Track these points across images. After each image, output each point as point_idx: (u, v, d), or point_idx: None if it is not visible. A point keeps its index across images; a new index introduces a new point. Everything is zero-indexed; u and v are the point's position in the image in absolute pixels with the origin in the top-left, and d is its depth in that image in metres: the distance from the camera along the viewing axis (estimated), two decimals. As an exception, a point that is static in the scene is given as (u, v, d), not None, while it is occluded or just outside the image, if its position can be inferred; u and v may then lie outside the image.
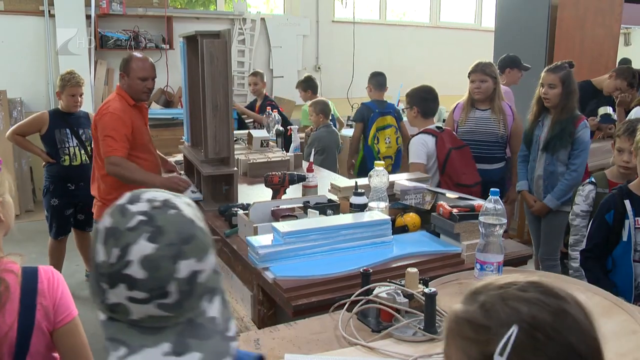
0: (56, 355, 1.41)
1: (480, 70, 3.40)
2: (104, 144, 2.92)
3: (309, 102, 5.23)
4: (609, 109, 4.24)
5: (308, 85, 5.62)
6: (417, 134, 3.26)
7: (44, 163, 3.96)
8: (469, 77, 3.47)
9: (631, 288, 2.20)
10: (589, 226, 2.42)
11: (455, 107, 3.65)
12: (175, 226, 0.81)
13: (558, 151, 3.13)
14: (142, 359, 0.78)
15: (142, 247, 0.78)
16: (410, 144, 3.26)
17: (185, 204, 0.87)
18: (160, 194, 0.86)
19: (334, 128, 4.89)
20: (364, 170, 4.43)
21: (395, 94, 7.18)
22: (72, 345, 1.36)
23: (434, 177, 3.11)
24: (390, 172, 4.52)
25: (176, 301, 0.80)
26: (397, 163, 4.67)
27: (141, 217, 0.80)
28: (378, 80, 4.81)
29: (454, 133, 3.38)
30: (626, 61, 5.87)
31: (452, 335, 0.81)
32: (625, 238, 2.23)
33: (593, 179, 2.71)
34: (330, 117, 4.93)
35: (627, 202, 2.23)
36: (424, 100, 3.31)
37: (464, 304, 0.81)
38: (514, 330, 0.73)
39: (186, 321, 0.82)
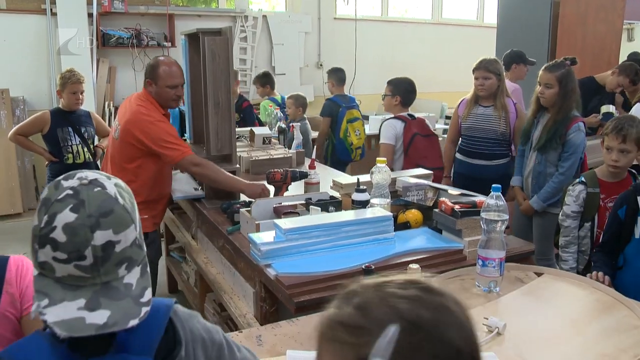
0: None
1: (483, 68, 3.40)
2: (167, 150, 2.75)
3: (266, 98, 5.48)
4: (611, 108, 4.22)
5: (267, 81, 5.63)
6: (388, 119, 3.53)
7: (46, 162, 3.98)
8: (473, 73, 3.47)
9: None
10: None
11: (460, 103, 3.65)
12: (96, 201, 0.93)
13: (548, 152, 3.09)
14: (60, 310, 0.89)
15: (65, 216, 0.91)
16: (381, 127, 3.54)
17: (114, 184, 0.98)
18: (91, 174, 0.98)
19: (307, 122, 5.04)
20: (336, 162, 4.84)
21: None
22: None
23: (399, 159, 3.42)
24: (358, 160, 5.03)
25: (91, 264, 0.91)
26: (364, 152, 5.12)
27: (69, 191, 0.93)
28: (339, 76, 5.16)
29: (427, 123, 3.59)
30: (635, 55, 5.80)
31: (325, 341, 0.74)
32: (637, 235, 2.16)
33: (583, 179, 2.64)
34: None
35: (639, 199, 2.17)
36: (407, 91, 3.58)
37: (336, 307, 0.74)
38: (392, 328, 0.68)
39: (102, 283, 0.93)
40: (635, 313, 1.62)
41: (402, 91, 3.55)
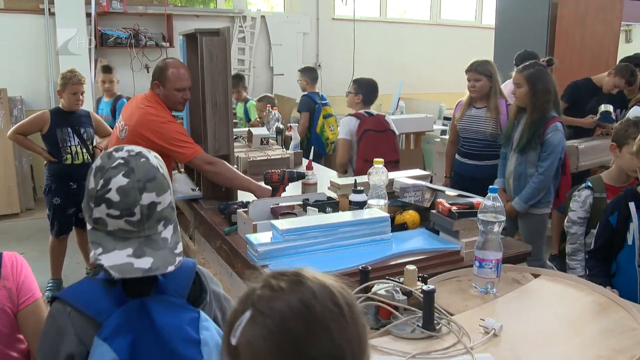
0: (21, 336, 1.47)
1: (473, 70, 3.45)
2: (181, 149, 2.75)
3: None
4: (609, 107, 4.22)
5: (239, 81, 5.69)
6: (347, 115, 3.82)
7: (45, 162, 3.97)
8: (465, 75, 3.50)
9: (636, 293, 2.10)
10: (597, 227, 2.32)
11: (457, 104, 3.68)
12: (143, 169, 1.12)
13: (527, 153, 3.09)
14: (113, 256, 1.09)
15: (119, 180, 1.10)
16: (340, 123, 3.89)
17: (154, 157, 1.18)
18: (136, 148, 1.17)
19: None
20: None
21: (396, 91, 7.18)
22: (34, 324, 1.44)
23: (356, 153, 3.71)
24: (331, 154, 5.27)
25: (138, 220, 1.11)
26: (336, 147, 5.30)
27: (120, 161, 1.12)
28: (313, 75, 5.48)
29: (386, 119, 3.83)
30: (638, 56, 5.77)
31: None
32: (630, 242, 2.15)
33: (589, 184, 2.59)
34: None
35: (631, 205, 2.14)
36: (369, 92, 3.86)
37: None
38: (247, 314, 0.78)
39: (145, 236, 1.13)
40: (631, 314, 1.62)
41: (365, 91, 3.83)
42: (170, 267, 1.11)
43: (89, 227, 1.14)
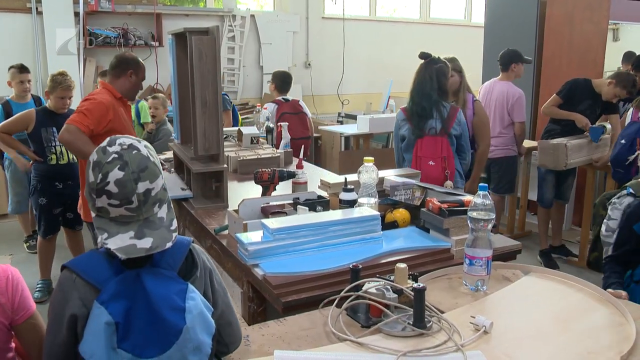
0: (11, 346, 1.50)
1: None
2: (72, 116, 3.01)
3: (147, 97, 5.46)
4: (608, 126, 4.30)
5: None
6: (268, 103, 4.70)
7: (31, 162, 3.93)
8: None
9: None
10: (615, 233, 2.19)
11: None
12: (136, 160, 1.25)
13: None
14: (117, 240, 1.23)
15: (115, 174, 1.23)
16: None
17: (144, 146, 1.30)
18: (127, 140, 1.29)
19: None
20: None
21: (386, 90, 7.19)
22: (33, 338, 1.50)
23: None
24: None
25: (136, 206, 1.25)
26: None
27: (115, 155, 1.25)
28: (283, 81, 5.50)
29: (300, 104, 4.83)
30: (631, 55, 5.80)
31: None
32: None
33: (632, 190, 2.36)
34: None
35: None
36: (282, 81, 4.89)
37: None
38: None
39: (144, 219, 1.27)
40: (619, 310, 1.63)
41: (278, 81, 4.88)
42: (168, 243, 1.27)
43: (93, 214, 1.29)
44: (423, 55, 3.26)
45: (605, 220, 2.42)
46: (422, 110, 3.20)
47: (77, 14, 5.97)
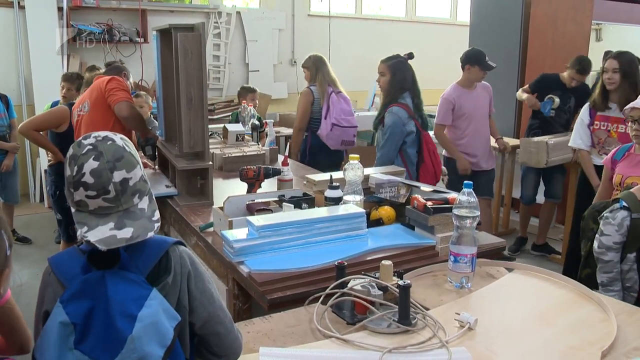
0: None
1: None
2: (118, 95, 3.20)
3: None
4: (557, 100, 4.46)
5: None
6: None
7: (50, 162, 3.72)
8: None
9: None
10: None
11: None
12: (110, 150, 1.23)
13: (378, 132, 3.49)
14: (97, 232, 1.20)
15: (90, 164, 1.20)
16: None
17: (120, 138, 1.27)
18: (103, 133, 1.27)
19: None
20: None
21: (372, 88, 7.20)
22: (8, 322, 1.51)
23: None
24: None
25: (114, 196, 1.22)
26: None
27: (90, 147, 1.23)
28: (251, 97, 5.51)
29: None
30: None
31: None
32: None
33: (625, 203, 2.23)
34: None
35: None
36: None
37: None
38: None
39: (124, 210, 1.24)
40: (601, 307, 1.65)
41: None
42: (150, 233, 1.24)
43: (73, 210, 1.26)
44: (412, 56, 3.55)
45: (597, 236, 2.30)
46: (421, 105, 3.48)
47: (60, 9, 5.90)
